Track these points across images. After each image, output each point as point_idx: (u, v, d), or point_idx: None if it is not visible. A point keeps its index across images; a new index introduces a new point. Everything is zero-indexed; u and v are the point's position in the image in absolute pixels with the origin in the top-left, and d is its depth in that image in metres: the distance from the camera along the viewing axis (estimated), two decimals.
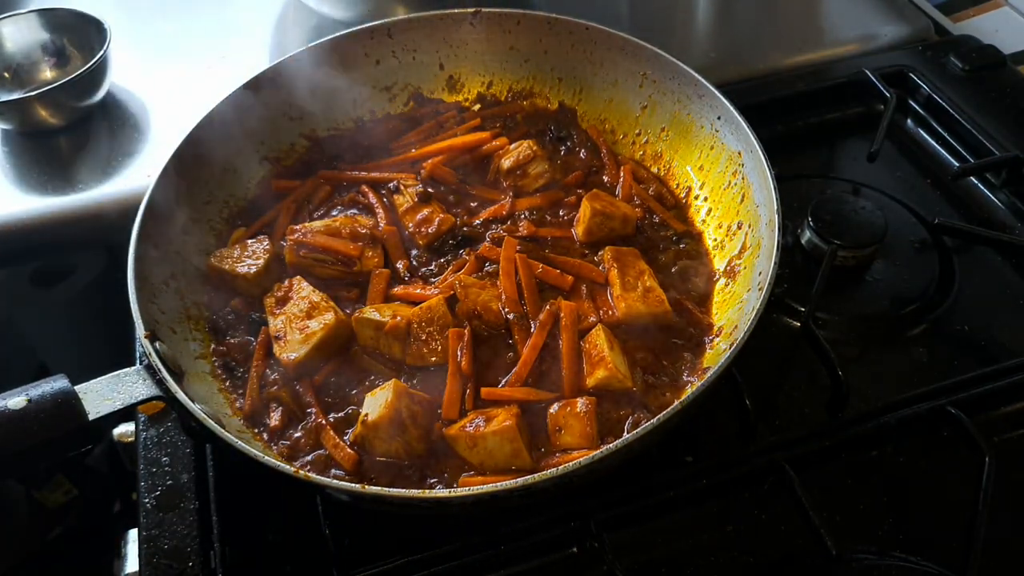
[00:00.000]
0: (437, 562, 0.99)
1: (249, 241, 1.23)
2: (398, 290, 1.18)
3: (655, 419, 0.89)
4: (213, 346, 1.15)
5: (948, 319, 1.27)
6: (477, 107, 1.47)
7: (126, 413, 0.96)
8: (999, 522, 1.01)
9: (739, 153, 1.21)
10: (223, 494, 1.07)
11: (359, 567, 0.99)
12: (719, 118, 1.25)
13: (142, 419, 1.15)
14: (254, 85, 1.30)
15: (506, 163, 1.33)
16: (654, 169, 1.37)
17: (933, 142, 1.56)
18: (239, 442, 0.89)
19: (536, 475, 0.85)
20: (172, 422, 1.14)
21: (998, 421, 1.15)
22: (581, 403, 1.02)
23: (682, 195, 1.33)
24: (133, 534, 1.07)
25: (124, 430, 1.21)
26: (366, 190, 1.32)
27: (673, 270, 1.22)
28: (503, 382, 1.08)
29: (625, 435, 0.92)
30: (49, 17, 1.64)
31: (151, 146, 1.56)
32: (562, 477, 0.85)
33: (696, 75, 1.27)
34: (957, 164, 1.49)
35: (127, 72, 1.68)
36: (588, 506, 1.02)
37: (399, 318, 1.08)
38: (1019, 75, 1.65)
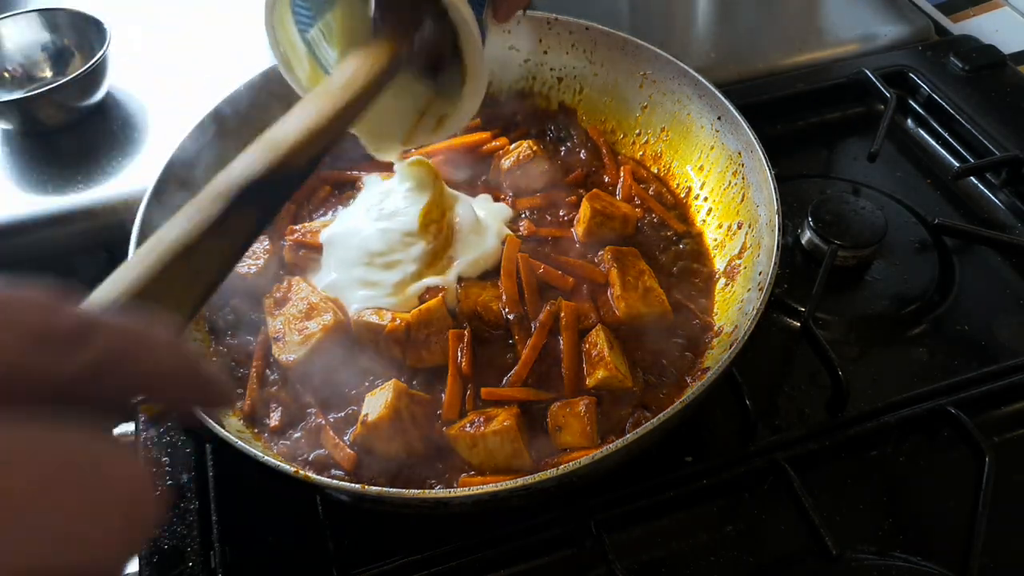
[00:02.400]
0: (437, 562, 0.99)
1: None
2: None
3: (655, 419, 0.89)
4: (213, 346, 1.15)
5: (948, 319, 1.27)
6: None
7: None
8: (999, 522, 1.01)
9: (739, 153, 1.21)
10: (223, 494, 1.07)
11: (359, 567, 0.99)
12: (719, 118, 1.25)
13: (142, 419, 1.15)
14: (254, 85, 1.30)
15: (506, 163, 1.33)
16: (654, 169, 1.37)
17: (933, 142, 1.56)
18: (239, 442, 0.89)
19: (536, 475, 0.85)
20: (172, 422, 1.14)
21: (998, 421, 1.15)
22: (581, 403, 1.02)
23: (682, 195, 1.33)
24: None
25: (124, 430, 1.21)
26: None
27: (673, 270, 1.22)
28: (503, 382, 1.08)
29: (625, 435, 0.92)
30: (49, 17, 1.63)
31: (151, 146, 1.56)
32: (562, 477, 0.85)
33: (696, 75, 1.27)
34: (957, 164, 1.49)
35: (127, 72, 1.67)
36: (588, 506, 1.02)
37: (398, 320, 1.08)
38: (1019, 75, 1.65)
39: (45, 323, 0.33)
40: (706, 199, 1.29)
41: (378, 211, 1.18)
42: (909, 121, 1.61)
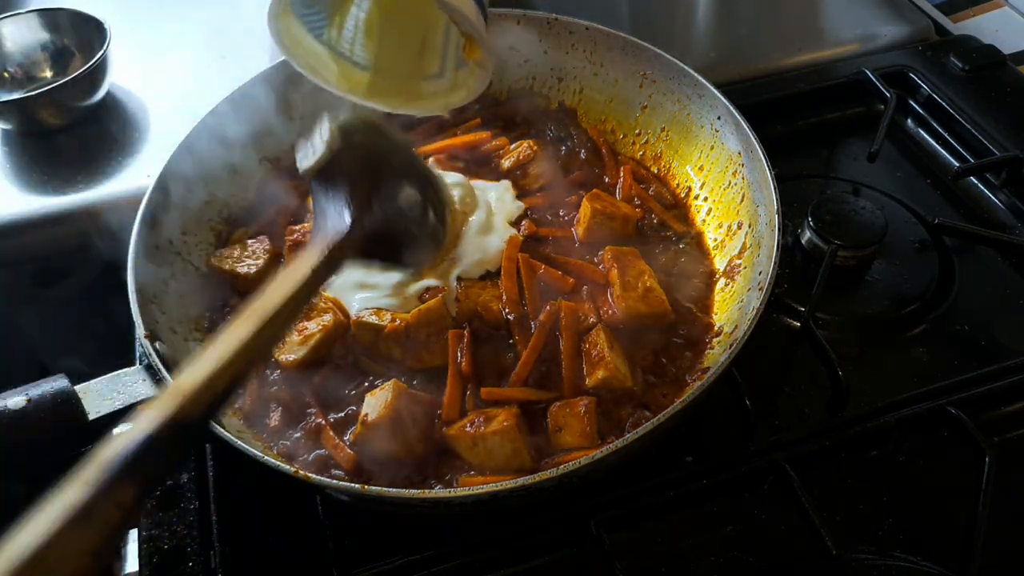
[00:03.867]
0: (437, 562, 0.99)
1: (249, 241, 1.23)
2: None
3: (655, 419, 0.89)
4: None
5: (948, 319, 1.27)
6: (477, 107, 1.47)
7: (126, 413, 0.96)
8: (999, 522, 1.01)
9: (739, 153, 1.21)
10: (223, 494, 1.07)
11: (359, 567, 0.99)
12: (719, 118, 1.25)
13: None
14: (254, 85, 1.30)
15: (506, 163, 1.33)
16: (654, 169, 1.37)
17: (933, 142, 1.56)
18: (239, 442, 0.89)
19: (536, 475, 0.85)
20: None
21: (998, 421, 1.15)
22: (581, 403, 1.02)
23: (682, 195, 1.33)
24: (133, 534, 1.07)
25: (124, 430, 1.21)
26: None
27: (673, 270, 1.22)
28: (503, 382, 1.08)
29: (625, 435, 0.92)
30: (49, 17, 1.63)
31: (151, 146, 1.56)
32: (562, 477, 0.85)
33: (696, 75, 1.27)
34: (957, 164, 1.49)
35: (127, 72, 1.67)
36: (588, 506, 1.02)
37: (398, 321, 1.08)
38: (1019, 75, 1.65)
39: None
40: (706, 199, 1.29)
41: None
42: (909, 121, 1.61)
